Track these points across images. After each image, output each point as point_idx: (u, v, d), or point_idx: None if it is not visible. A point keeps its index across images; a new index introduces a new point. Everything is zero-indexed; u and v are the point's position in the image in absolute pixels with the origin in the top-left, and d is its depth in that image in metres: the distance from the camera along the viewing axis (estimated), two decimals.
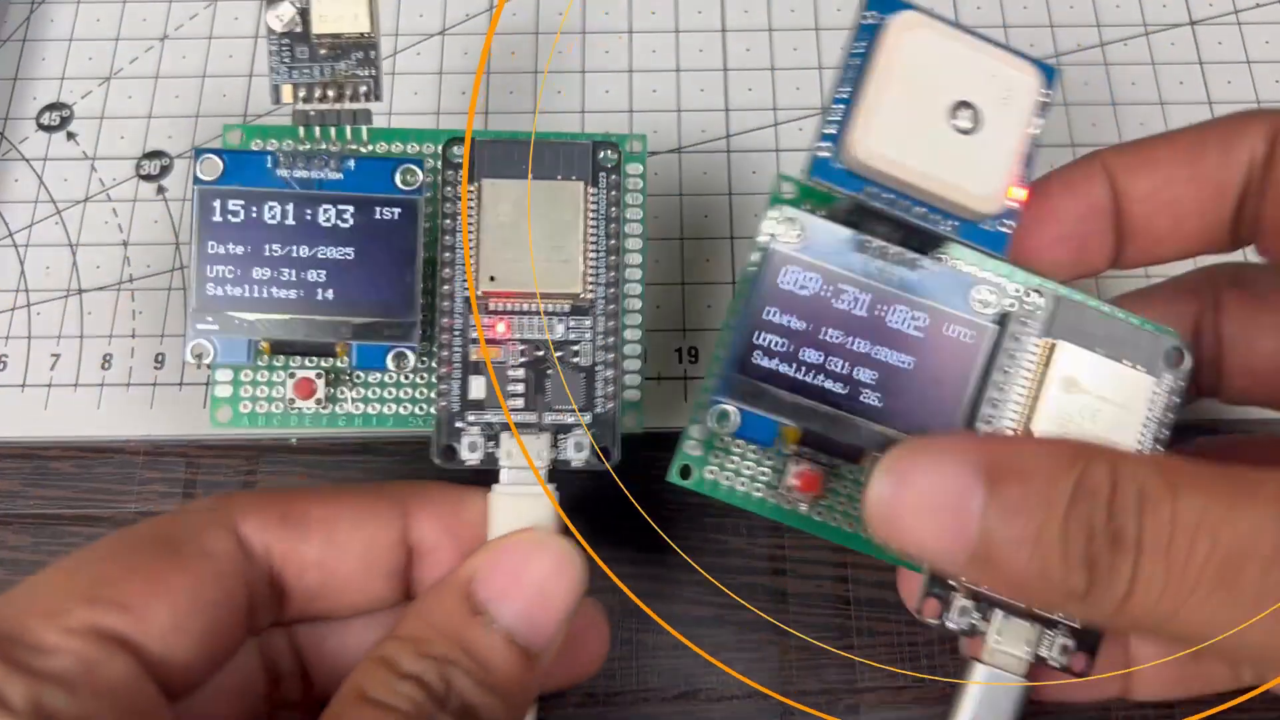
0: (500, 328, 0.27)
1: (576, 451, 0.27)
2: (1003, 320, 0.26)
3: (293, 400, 0.28)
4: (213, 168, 0.27)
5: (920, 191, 0.23)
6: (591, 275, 0.27)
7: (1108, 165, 0.28)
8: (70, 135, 0.37)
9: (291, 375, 0.28)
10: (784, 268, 0.25)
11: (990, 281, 0.26)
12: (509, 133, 0.28)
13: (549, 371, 0.27)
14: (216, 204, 0.27)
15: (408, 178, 0.27)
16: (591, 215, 0.27)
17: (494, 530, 0.26)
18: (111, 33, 0.38)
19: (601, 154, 0.27)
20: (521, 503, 0.26)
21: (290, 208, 0.27)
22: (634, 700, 0.31)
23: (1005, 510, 0.20)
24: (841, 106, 0.24)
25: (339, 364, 0.28)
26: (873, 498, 0.22)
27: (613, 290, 0.27)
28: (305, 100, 0.27)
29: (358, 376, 0.28)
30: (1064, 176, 0.28)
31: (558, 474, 0.27)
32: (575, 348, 0.27)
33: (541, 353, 0.27)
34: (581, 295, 0.27)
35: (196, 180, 0.27)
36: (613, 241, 0.27)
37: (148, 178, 0.36)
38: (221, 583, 0.23)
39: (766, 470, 0.26)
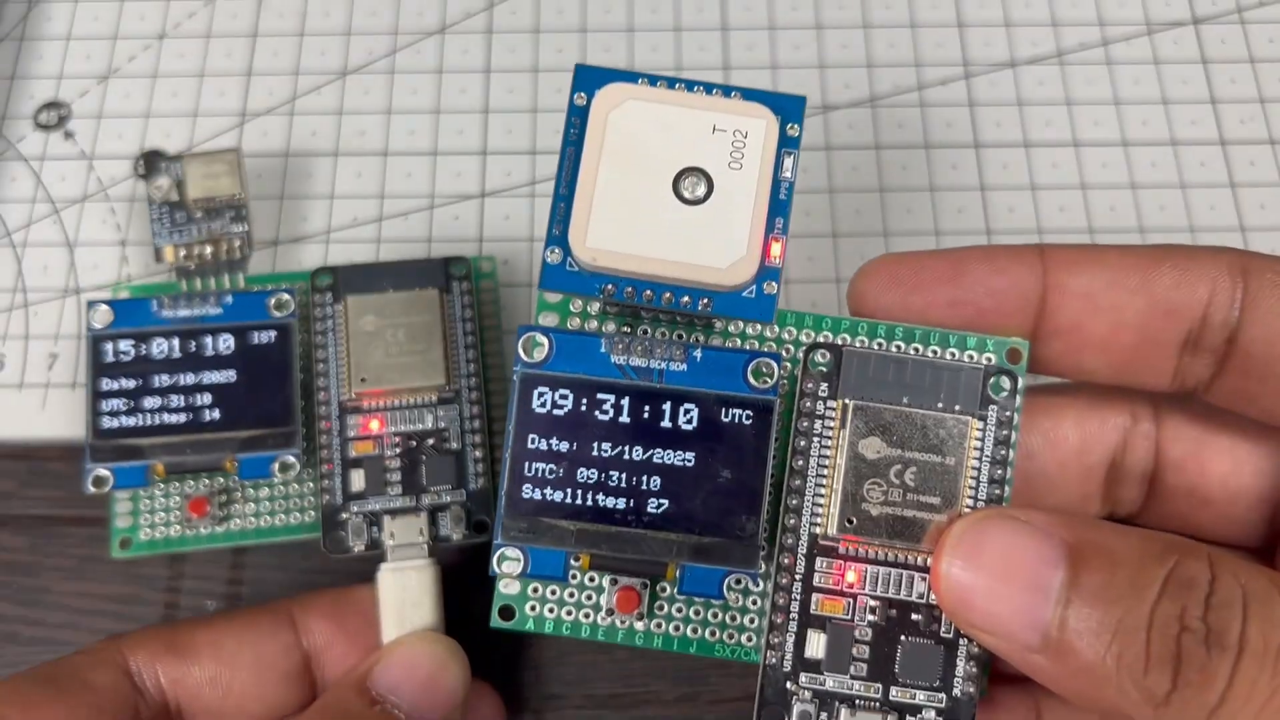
0: (374, 424, 0.30)
1: (455, 524, 0.29)
2: (787, 390, 0.24)
3: (190, 519, 0.30)
4: (104, 316, 0.30)
5: (662, 277, 0.21)
6: (455, 369, 0.30)
7: (1046, 256, 0.24)
8: (68, 134, 0.37)
9: (186, 496, 0.30)
10: (535, 390, 0.23)
11: (764, 355, 0.23)
12: (365, 264, 0.32)
13: (423, 457, 0.30)
14: (109, 347, 0.30)
15: (280, 305, 0.31)
16: (448, 317, 0.31)
17: (384, 607, 0.28)
18: (109, 31, 0.38)
19: (451, 268, 0.31)
20: (408, 576, 0.28)
21: (175, 342, 0.30)
22: (634, 702, 0.31)
23: (1086, 593, 0.19)
24: (563, 205, 0.22)
25: (230, 480, 0.31)
26: (943, 568, 0.21)
27: (475, 380, 0.30)
28: (186, 258, 0.32)
29: (249, 492, 0.31)
30: (990, 251, 0.25)
31: (439, 550, 0.29)
32: (445, 433, 0.30)
33: (414, 442, 0.30)
34: (447, 387, 0.30)
35: (89, 330, 0.30)
36: (471, 337, 0.31)
37: (145, 177, 0.36)
38: (102, 713, 0.25)
39: (590, 594, 0.25)
